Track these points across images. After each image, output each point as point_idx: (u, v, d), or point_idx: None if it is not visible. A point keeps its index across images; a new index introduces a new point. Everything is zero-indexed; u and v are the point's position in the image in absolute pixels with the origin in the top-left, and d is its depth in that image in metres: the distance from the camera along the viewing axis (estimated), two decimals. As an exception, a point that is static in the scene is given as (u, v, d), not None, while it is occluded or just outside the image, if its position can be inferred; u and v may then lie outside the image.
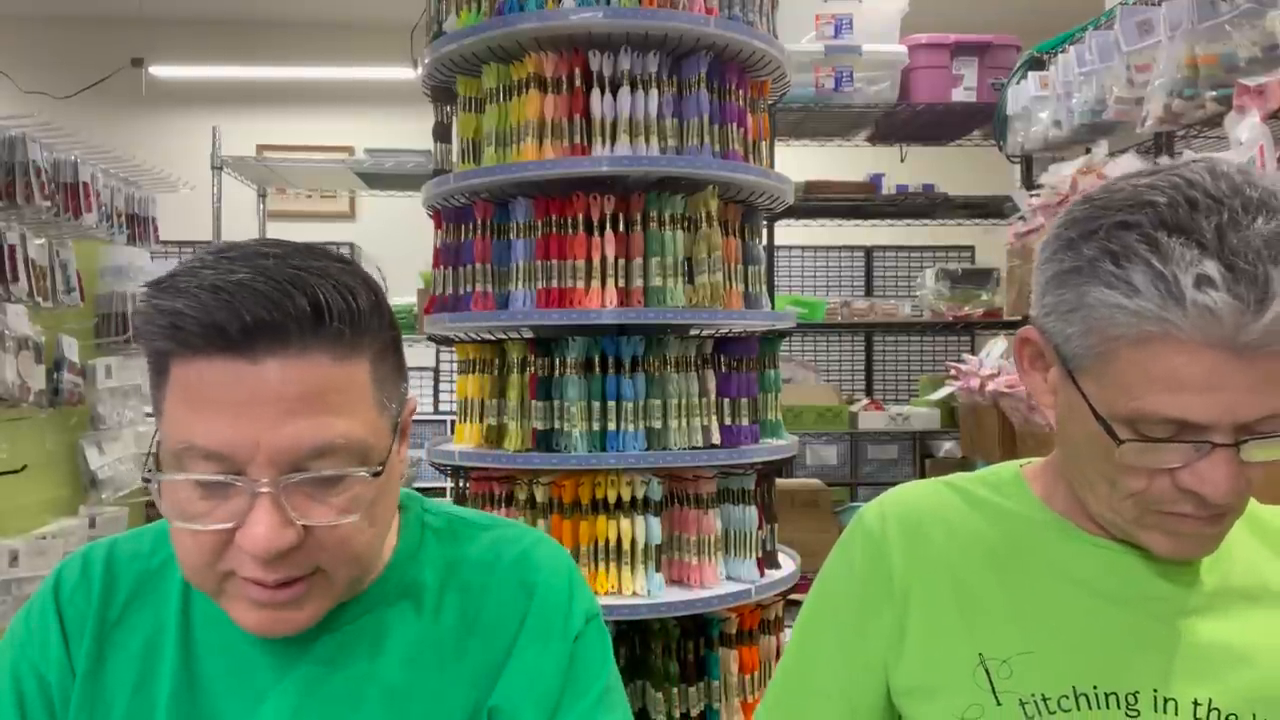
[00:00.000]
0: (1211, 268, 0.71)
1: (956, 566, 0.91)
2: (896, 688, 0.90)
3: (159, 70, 6.35)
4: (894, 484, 1.02)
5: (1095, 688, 0.83)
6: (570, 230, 2.11)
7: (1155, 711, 0.83)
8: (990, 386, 3.07)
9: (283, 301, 0.73)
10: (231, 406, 0.73)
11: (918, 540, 0.92)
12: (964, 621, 0.88)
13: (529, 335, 2.25)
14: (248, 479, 0.74)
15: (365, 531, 0.80)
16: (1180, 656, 0.84)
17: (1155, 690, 0.83)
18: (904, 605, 0.90)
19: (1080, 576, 0.88)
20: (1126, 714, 0.83)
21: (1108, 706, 0.83)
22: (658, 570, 2.11)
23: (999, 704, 0.84)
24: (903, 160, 4.94)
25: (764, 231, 3.15)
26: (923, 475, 5.03)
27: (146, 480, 0.78)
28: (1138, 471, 0.80)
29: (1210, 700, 0.82)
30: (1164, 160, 2.39)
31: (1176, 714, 0.82)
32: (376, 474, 0.78)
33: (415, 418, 0.94)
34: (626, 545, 2.08)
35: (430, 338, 2.48)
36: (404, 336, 0.86)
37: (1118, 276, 0.75)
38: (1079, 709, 0.83)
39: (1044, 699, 0.84)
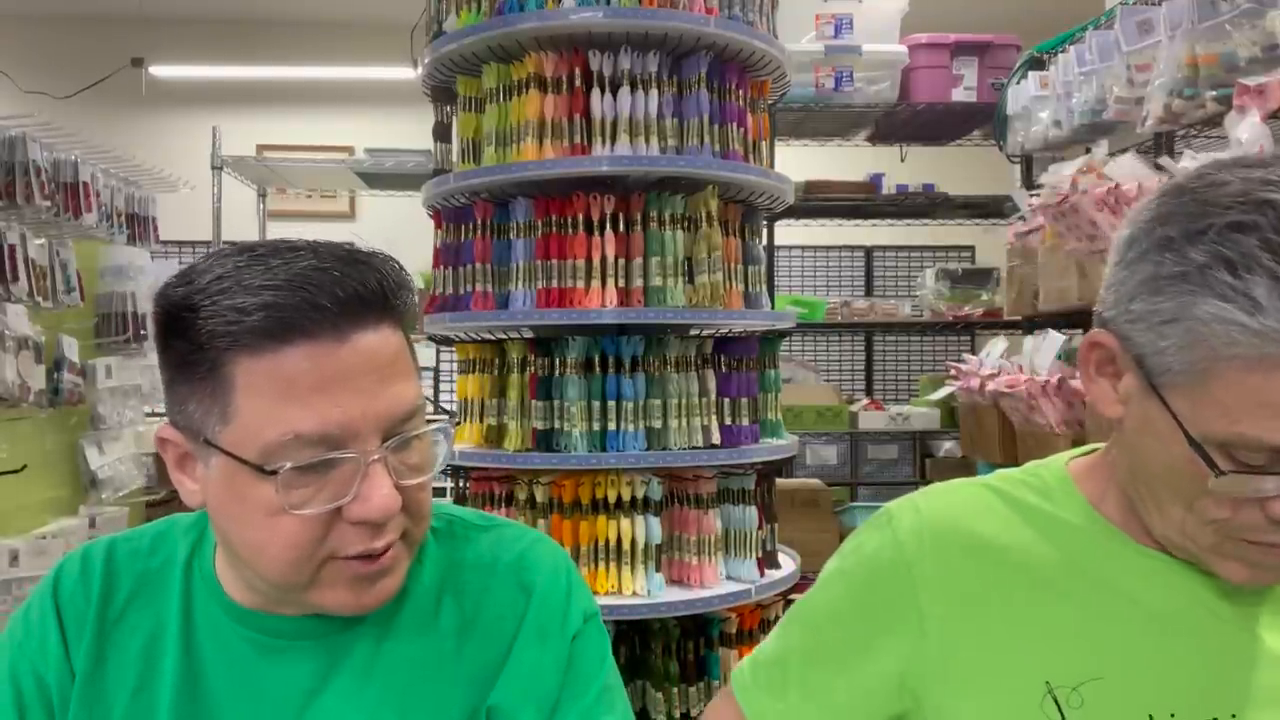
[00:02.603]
0: None
1: (1011, 587, 0.83)
2: None
3: (159, 70, 6.36)
4: (894, 484, 0.98)
5: (1173, 715, 0.78)
6: (570, 230, 2.11)
7: None
8: (990, 386, 3.06)
9: (360, 279, 0.78)
10: (331, 386, 0.76)
11: (959, 555, 0.85)
12: (1024, 647, 0.82)
13: (529, 335, 2.25)
14: (359, 450, 0.77)
15: (430, 489, 0.85)
16: (1254, 681, 0.80)
17: (1234, 715, 0.79)
18: (939, 625, 0.84)
19: (1144, 597, 0.82)
20: None
21: None
22: (658, 570, 2.11)
23: None
24: (903, 160, 4.94)
25: (764, 231, 3.15)
26: (923, 475, 5.03)
27: (264, 471, 0.77)
28: (1223, 499, 0.74)
29: None
30: (1163, 160, 2.40)
31: None
32: (463, 418, 0.84)
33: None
34: (626, 545, 2.08)
35: (430, 338, 2.48)
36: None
37: (1235, 289, 0.67)
38: None
39: None
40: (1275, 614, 0.82)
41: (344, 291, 0.76)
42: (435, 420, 0.84)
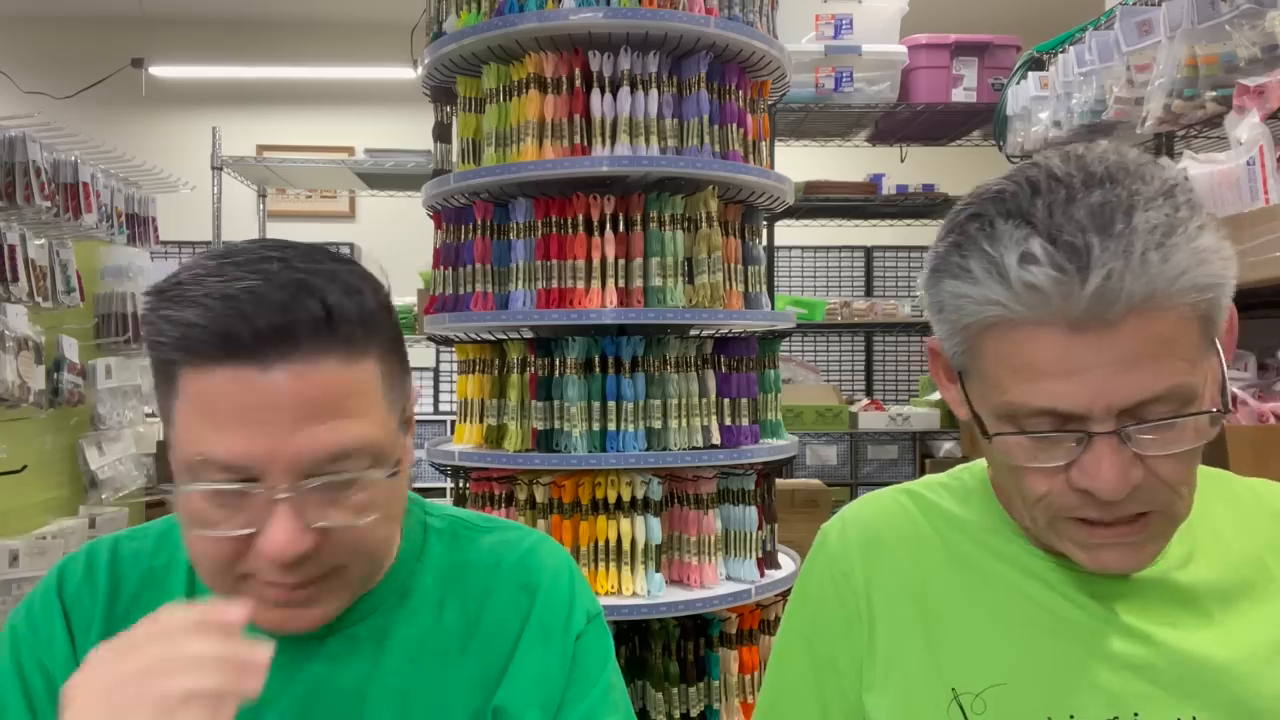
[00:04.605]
0: (1035, 244, 0.70)
1: (921, 592, 0.87)
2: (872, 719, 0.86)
3: (159, 70, 6.36)
4: (894, 484, 0.99)
5: (1072, 717, 0.79)
6: (570, 230, 2.11)
7: None
8: (990, 386, 3.06)
9: (292, 307, 0.73)
10: (245, 416, 0.73)
11: (881, 561, 0.89)
12: (933, 653, 0.84)
13: (529, 335, 2.25)
14: (265, 486, 0.74)
15: (381, 528, 0.80)
16: (1159, 676, 0.80)
17: (1136, 714, 0.79)
18: (871, 628, 0.87)
19: (1045, 600, 0.83)
20: None
21: None
22: (658, 570, 2.11)
23: None
24: (903, 160, 4.94)
25: (764, 231, 3.15)
26: (922, 475, 5.02)
27: (166, 491, 0.77)
28: (1035, 475, 0.76)
29: (1195, 717, 0.78)
30: (1163, 160, 2.40)
31: None
32: (393, 475, 0.78)
33: (415, 418, 0.95)
34: (626, 545, 2.08)
35: (430, 338, 2.48)
36: (404, 336, 0.86)
37: (961, 266, 0.74)
38: None
39: None
40: (1176, 612, 0.82)
41: (268, 322, 0.72)
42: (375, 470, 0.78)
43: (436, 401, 6.41)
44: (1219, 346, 0.76)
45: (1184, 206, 0.71)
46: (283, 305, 0.72)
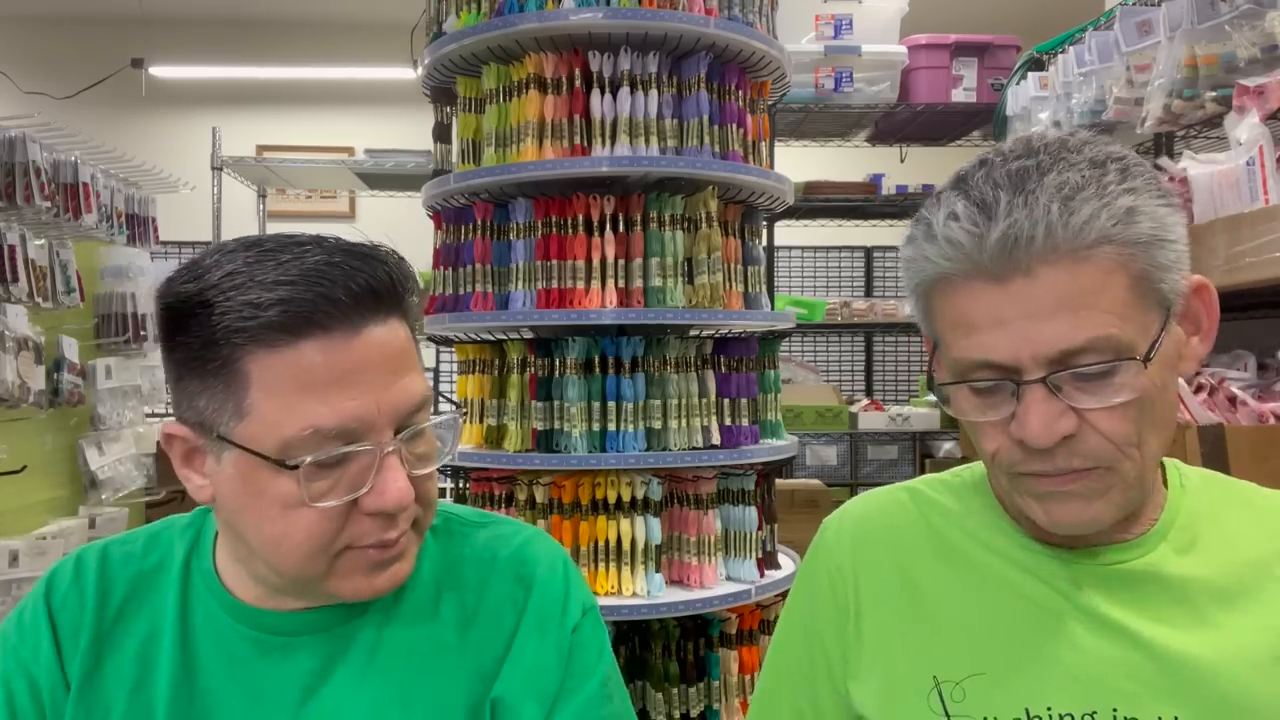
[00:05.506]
0: (959, 205, 0.76)
1: (910, 584, 0.88)
2: (856, 711, 0.88)
3: (159, 70, 6.36)
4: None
5: (1050, 709, 0.80)
6: (570, 230, 2.11)
7: None
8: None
9: (369, 271, 0.78)
10: (344, 379, 0.76)
11: (871, 554, 0.91)
12: (918, 642, 0.86)
13: (529, 335, 2.25)
14: (372, 442, 0.78)
15: (435, 477, 0.86)
16: (1143, 673, 0.79)
17: (1115, 710, 0.78)
18: (858, 619, 0.89)
19: (1032, 592, 0.84)
20: None
21: None
22: (657, 570, 2.11)
23: None
24: (903, 160, 4.94)
25: (764, 231, 3.15)
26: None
27: (286, 465, 0.77)
28: (986, 431, 0.80)
29: (1177, 717, 0.78)
30: (1163, 160, 2.40)
31: None
32: (465, 417, 0.83)
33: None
34: (626, 545, 2.08)
35: (430, 338, 2.47)
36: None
37: (912, 235, 0.81)
38: None
39: None
40: (1168, 608, 0.82)
41: (356, 285, 0.77)
42: (443, 413, 0.85)
43: (436, 402, 6.42)
44: (1173, 312, 0.77)
45: (1113, 172, 0.75)
46: (362, 271, 0.78)
